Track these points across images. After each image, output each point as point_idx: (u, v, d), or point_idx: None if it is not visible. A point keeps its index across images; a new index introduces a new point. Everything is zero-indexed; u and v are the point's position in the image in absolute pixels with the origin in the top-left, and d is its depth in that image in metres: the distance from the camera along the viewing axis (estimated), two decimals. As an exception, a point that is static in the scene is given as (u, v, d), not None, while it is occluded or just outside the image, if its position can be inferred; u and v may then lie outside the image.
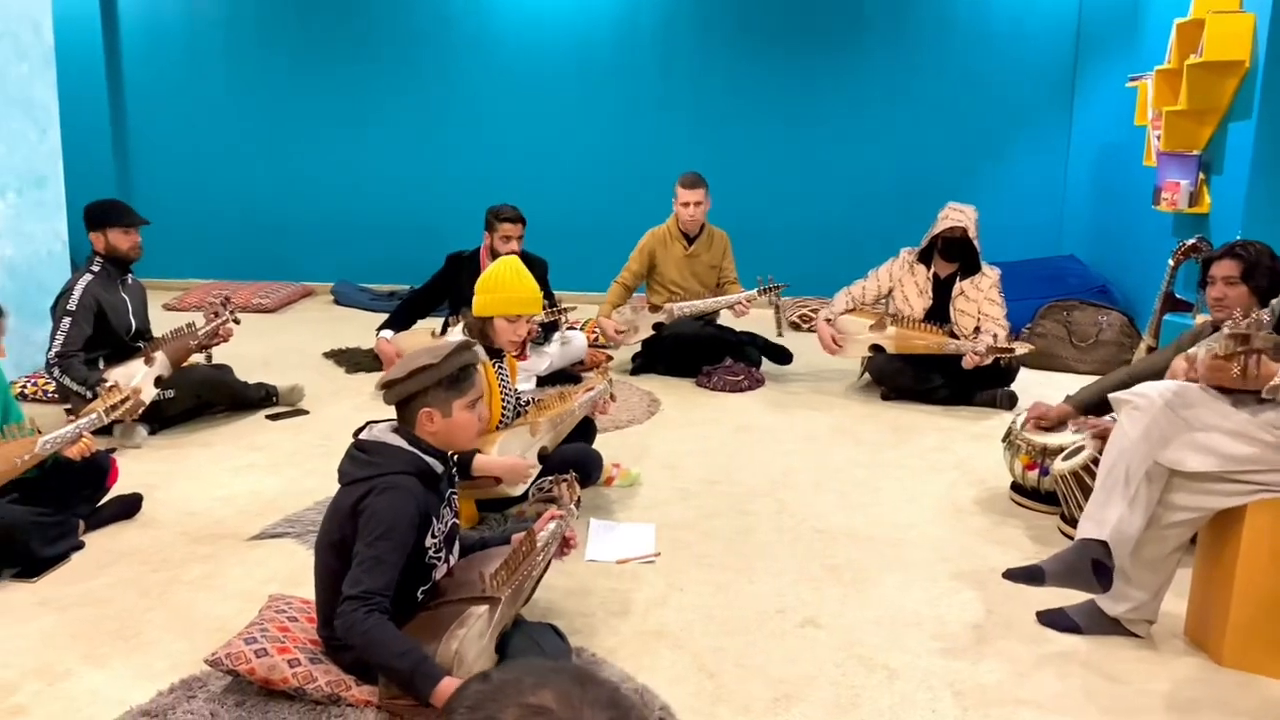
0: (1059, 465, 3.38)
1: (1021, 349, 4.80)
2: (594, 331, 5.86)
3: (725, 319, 5.80)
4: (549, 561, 2.64)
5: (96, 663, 2.58)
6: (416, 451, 2.33)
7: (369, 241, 7.83)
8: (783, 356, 5.69)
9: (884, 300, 5.24)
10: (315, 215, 7.89)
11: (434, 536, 2.35)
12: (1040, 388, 5.18)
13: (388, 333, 5.20)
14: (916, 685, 2.54)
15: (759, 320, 6.02)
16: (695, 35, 7.50)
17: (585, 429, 3.75)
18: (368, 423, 2.46)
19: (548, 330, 5.23)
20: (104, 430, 4.21)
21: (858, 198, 7.60)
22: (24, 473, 3.14)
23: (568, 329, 5.83)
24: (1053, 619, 2.81)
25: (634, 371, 5.62)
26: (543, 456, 3.36)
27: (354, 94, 7.72)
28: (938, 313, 5.02)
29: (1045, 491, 3.62)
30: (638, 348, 5.69)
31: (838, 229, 7.57)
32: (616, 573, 3.15)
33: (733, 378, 5.35)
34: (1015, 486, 3.79)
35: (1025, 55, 7.37)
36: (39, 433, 3.20)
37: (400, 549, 2.21)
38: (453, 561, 2.49)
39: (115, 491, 3.51)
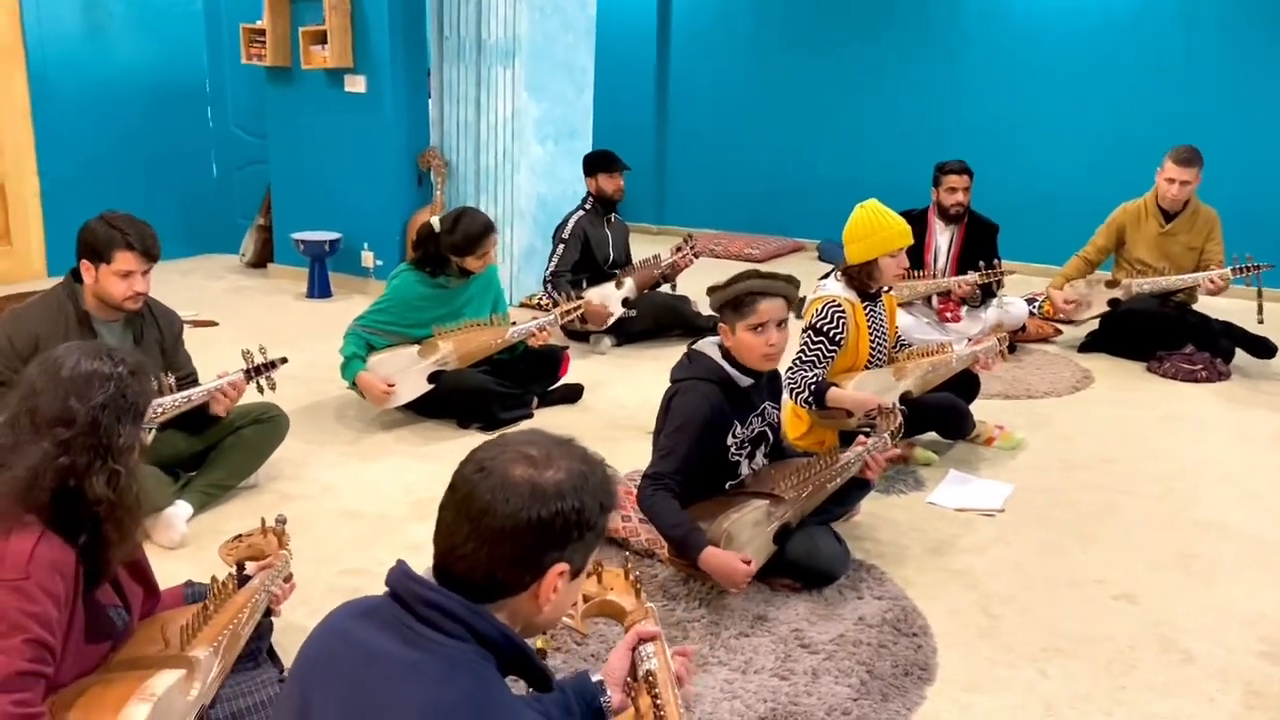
0: None
1: None
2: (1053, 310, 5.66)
3: (1201, 303, 5.27)
4: (853, 482, 2.85)
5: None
6: (723, 364, 2.70)
7: (856, 202, 8.19)
8: (1263, 349, 5.06)
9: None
10: (811, 177, 8.43)
11: (734, 437, 2.71)
12: None
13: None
14: (1209, 675, 2.41)
15: (1240, 308, 5.36)
16: (1227, 10, 6.75)
17: (968, 385, 3.81)
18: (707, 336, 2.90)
19: (985, 293, 5.19)
20: (583, 338, 5.17)
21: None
22: (496, 353, 4.06)
23: (1025, 299, 5.73)
24: None
25: (1082, 348, 5.37)
26: (907, 400, 3.52)
27: (857, 64, 8.07)
28: None
29: None
30: (1093, 325, 5.41)
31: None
32: (952, 518, 3.27)
33: (1189, 366, 4.90)
34: None
35: None
36: (514, 324, 4.10)
37: (691, 442, 2.61)
38: (759, 462, 2.84)
39: (565, 381, 4.35)
